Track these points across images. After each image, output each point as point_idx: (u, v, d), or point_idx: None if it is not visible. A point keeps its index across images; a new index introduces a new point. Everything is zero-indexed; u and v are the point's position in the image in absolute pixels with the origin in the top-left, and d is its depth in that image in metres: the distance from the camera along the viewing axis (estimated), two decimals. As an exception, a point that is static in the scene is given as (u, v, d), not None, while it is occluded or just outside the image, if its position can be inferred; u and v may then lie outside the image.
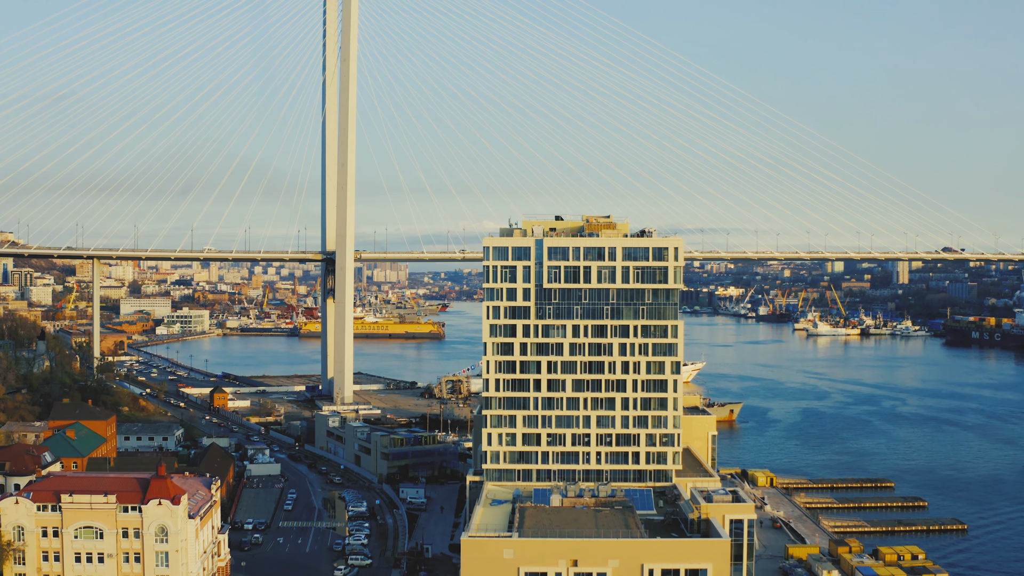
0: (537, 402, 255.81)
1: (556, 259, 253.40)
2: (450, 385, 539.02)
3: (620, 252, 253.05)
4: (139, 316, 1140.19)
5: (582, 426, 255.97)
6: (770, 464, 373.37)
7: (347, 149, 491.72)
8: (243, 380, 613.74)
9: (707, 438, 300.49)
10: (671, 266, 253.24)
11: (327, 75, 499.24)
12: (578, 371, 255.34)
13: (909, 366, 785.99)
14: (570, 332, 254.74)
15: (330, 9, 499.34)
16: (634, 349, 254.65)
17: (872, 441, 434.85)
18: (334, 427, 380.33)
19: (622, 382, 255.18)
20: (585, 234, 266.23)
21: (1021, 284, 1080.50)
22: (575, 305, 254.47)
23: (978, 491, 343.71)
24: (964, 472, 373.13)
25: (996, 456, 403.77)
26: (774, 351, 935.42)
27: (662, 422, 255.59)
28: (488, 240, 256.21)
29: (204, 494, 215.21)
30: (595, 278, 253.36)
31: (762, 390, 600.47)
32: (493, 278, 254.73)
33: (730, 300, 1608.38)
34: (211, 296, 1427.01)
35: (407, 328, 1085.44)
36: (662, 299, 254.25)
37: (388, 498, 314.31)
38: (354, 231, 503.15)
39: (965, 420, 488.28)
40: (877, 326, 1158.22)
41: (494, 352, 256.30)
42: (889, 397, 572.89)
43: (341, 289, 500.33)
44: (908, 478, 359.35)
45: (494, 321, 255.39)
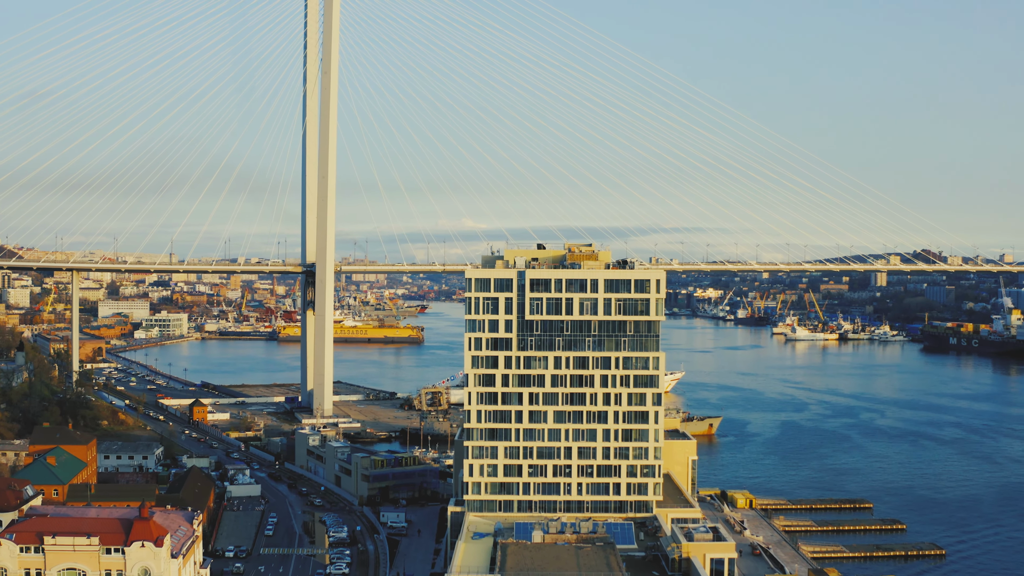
0: (519, 433, 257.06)
1: (538, 291, 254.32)
2: (430, 397, 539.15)
3: (602, 284, 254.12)
4: (117, 319, 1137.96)
5: (563, 457, 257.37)
6: (749, 483, 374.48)
7: (327, 161, 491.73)
8: (222, 390, 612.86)
9: (687, 463, 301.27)
10: (653, 298, 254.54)
11: (308, 86, 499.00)
12: (560, 403, 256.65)
13: (887, 374, 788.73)
14: (552, 363, 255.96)
15: (311, 14, 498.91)
16: (616, 381, 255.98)
17: (850, 457, 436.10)
18: (314, 446, 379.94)
19: (603, 413, 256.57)
20: (567, 264, 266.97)
21: (999, 290, 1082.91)
22: (557, 337, 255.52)
23: (956, 512, 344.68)
24: (942, 492, 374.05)
25: (974, 474, 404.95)
26: (753, 358, 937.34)
27: (643, 453, 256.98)
28: (471, 271, 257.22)
29: (186, 530, 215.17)
30: (577, 310, 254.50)
31: (741, 401, 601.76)
32: (475, 310, 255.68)
33: (709, 302, 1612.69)
34: (190, 298, 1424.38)
35: (386, 332, 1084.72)
36: (644, 331, 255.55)
37: (369, 522, 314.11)
38: (334, 244, 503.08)
39: (943, 435, 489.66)
40: (855, 331, 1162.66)
41: (476, 383, 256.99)
42: (867, 409, 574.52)
43: (321, 302, 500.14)
44: (886, 498, 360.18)
45: (476, 352, 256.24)
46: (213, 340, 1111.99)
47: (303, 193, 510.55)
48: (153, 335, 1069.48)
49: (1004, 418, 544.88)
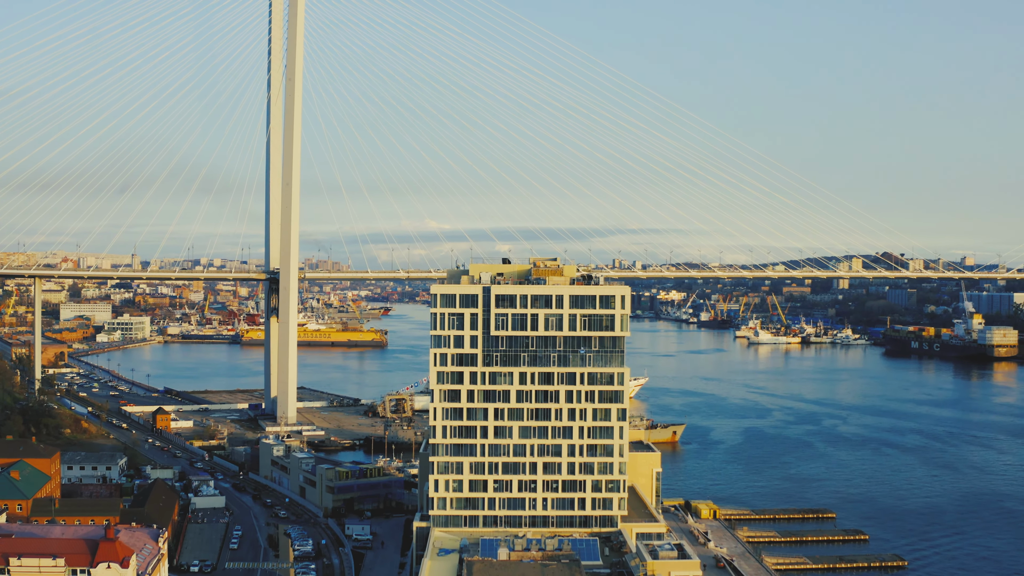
0: (484, 449, 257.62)
1: (503, 306, 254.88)
2: (394, 404, 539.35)
3: (567, 300, 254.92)
4: (79, 323, 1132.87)
5: (528, 472, 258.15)
6: (713, 492, 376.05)
7: (291, 170, 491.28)
8: (185, 396, 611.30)
9: (652, 475, 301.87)
10: (617, 314, 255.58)
11: (271, 92, 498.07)
12: (525, 418, 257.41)
13: (849, 379, 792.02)
14: (517, 379, 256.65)
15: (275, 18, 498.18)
16: (580, 396, 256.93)
17: (813, 465, 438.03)
18: (278, 456, 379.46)
19: (568, 429, 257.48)
20: (532, 279, 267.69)
21: (960, 294, 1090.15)
22: (522, 352, 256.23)
23: (917, 522, 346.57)
24: (904, 501, 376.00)
25: (935, 483, 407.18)
26: (716, 362, 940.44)
27: (608, 468, 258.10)
28: (436, 288, 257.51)
29: (152, 548, 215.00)
30: (542, 326, 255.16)
31: (704, 407, 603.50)
32: (441, 325, 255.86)
33: (672, 305, 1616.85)
34: (152, 300, 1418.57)
35: (349, 336, 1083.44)
36: (608, 346, 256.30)
37: (334, 535, 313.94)
38: (298, 251, 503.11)
39: (905, 442, 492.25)
40: (818, 334, 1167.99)
41: (442, 399, 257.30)
42: (829, 415, 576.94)
43: (285, 310, 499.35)
44: (849, 507, 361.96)
45: (441, 368, 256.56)
46: (176, 343, 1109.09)
47: (267, 200, 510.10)
48: (115, 339, 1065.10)
49: (965, 424, 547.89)
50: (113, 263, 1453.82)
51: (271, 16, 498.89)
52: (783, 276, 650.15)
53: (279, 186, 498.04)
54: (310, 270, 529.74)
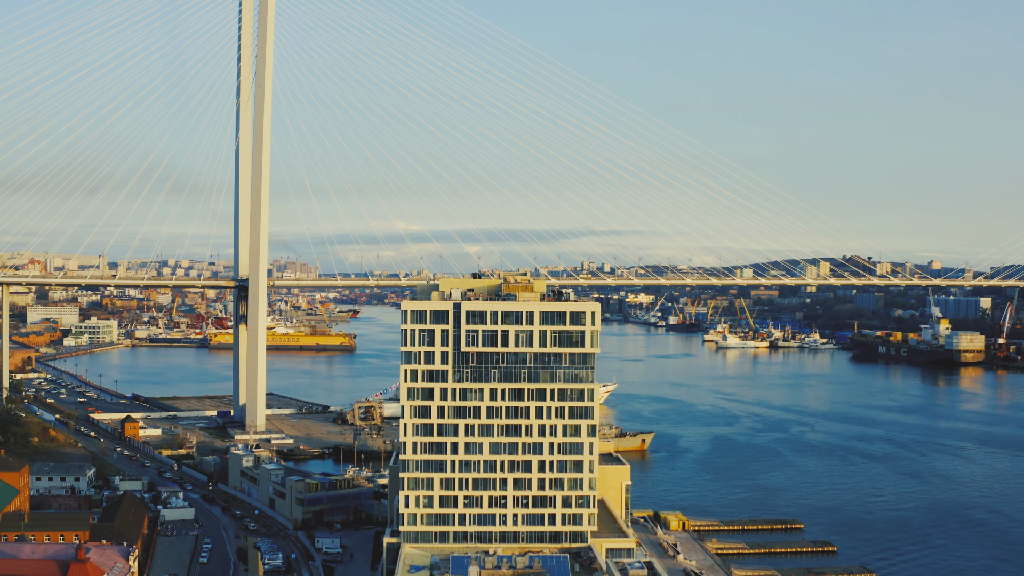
0: (454, 464, 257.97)
1: (474, 323, 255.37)
2: (363, 411, 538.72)
3: (538, 316, 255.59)
4: (47, 326, 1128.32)
5: (499, 488, 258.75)
6: (682, 502, 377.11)
7: (260, 180, 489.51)
8: (153, 403, 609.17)
9: (621, 488, 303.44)
10: (588, 330, 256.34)
11: (241, 100, 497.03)
12: (495, 434, 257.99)
13: (817, 385, 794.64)
14: (487, 395, 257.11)
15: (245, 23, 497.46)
16: (551, 412, 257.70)
17: (782, 474, 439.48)
18: (248, 467, 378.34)
19: (539, 445, 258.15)
20: (502, 295, 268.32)
21: (928, 299, 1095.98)
22: (493, 368, 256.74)
23: (885, 533, 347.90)
24: (871, 511, 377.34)
25: (903, 492, 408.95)
26: (684, 367, 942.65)
27: (578, 484, 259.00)
28: (407, 304, 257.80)
29: (122, 567, 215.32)
30: (512, 342, 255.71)
31: (673, 414, 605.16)
32: (411, 342, 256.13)
33: (640, 308, 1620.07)
34: (119, 303, 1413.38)
35: (318, 340, 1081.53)
36: (579, 363, 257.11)
37: (304, 548, 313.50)
38: (267, 260, 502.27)
39: (872, 450, 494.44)
40: (786, 339, 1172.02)
41: (412, 415, 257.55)
42: (797, 422, 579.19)
43: (254, 318, 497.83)
44: (817, 518, 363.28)
45: (412, 384, 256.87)
46: (144, 347, 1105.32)
47: (236, 206, 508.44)
48: (83, 342, 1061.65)
49: (932, 432, 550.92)
50: (81, 264, 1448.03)
51: (240, 20, 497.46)
52: (751, 283, 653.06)
53: (248, 192, 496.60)
54: (279, 277, 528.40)
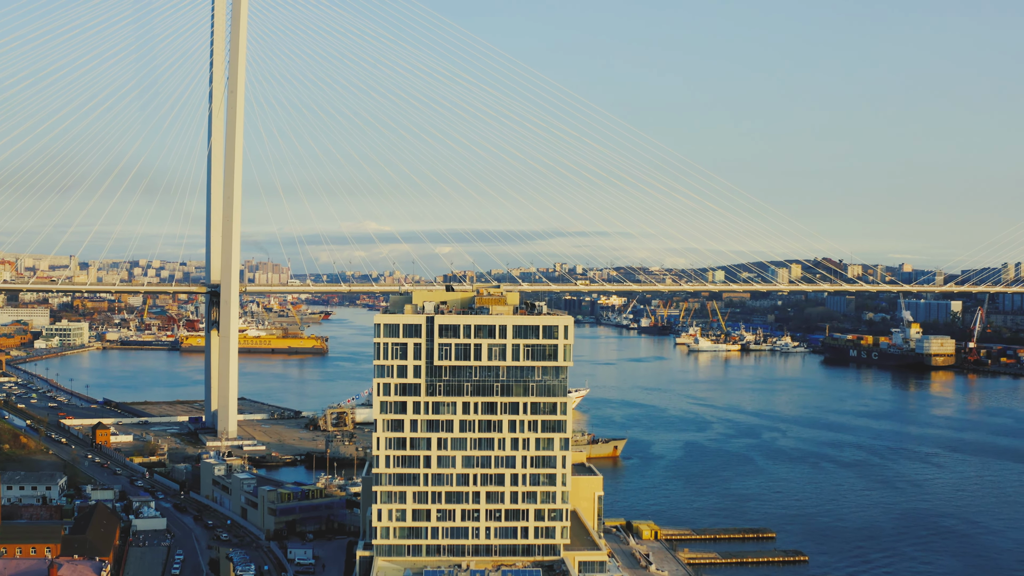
0: (427, 478, 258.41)
1: (447, 336, 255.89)
2: (335, 417, 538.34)
3: (511, 330, 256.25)
4: (17, 328, 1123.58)
5: (472, 502, 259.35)
6: (654, 511, 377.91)
7: (232, 186, 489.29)
8: (124, 408, 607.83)
9: (593, 499, 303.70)
10: (560, 344, 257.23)
11: (213, 106, 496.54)
12: (468, 448, 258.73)
13: (788, 389, 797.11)
14: (460, 409, 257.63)
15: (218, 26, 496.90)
16: (523, 426, 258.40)
17: (753, 482, 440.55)
18: (220, 476, 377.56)
19: (511, 458, 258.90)
20: (475, 307, 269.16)
21: (898, 302, 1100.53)
22: (465, 382, 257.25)
23: (856, 542, 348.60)
24: (842, 519, 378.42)
25: (873, 500, 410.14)
26: (656, 370, 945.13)
27: (551, 497, 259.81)
28: (379, 317, 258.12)
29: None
30: (485, 355, 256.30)
31: (645, 419, 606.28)
32: (384, 355, 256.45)
33: (612, 310, 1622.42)
34: (90, 304, 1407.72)
35: (290, 343, 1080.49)
36: (551, 376, 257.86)
37: (276, 559, 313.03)
38: (239, 267, 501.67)
39: (843, 457, 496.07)
40: (757, 342, 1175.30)
41: (384, 428, 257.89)
42: (768, 427, 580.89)
43: (226, 325, 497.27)
44: (788, 527, 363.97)
45: (384, 398, 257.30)
46: (115, 350, 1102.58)
47: (208, 213, 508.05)
48: (54, 345, 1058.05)
49: (903, 438, 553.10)
50: (52, 264, 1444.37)
51: (213, 22, 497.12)
52: (723, 289, 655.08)
53: (220, 197, 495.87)
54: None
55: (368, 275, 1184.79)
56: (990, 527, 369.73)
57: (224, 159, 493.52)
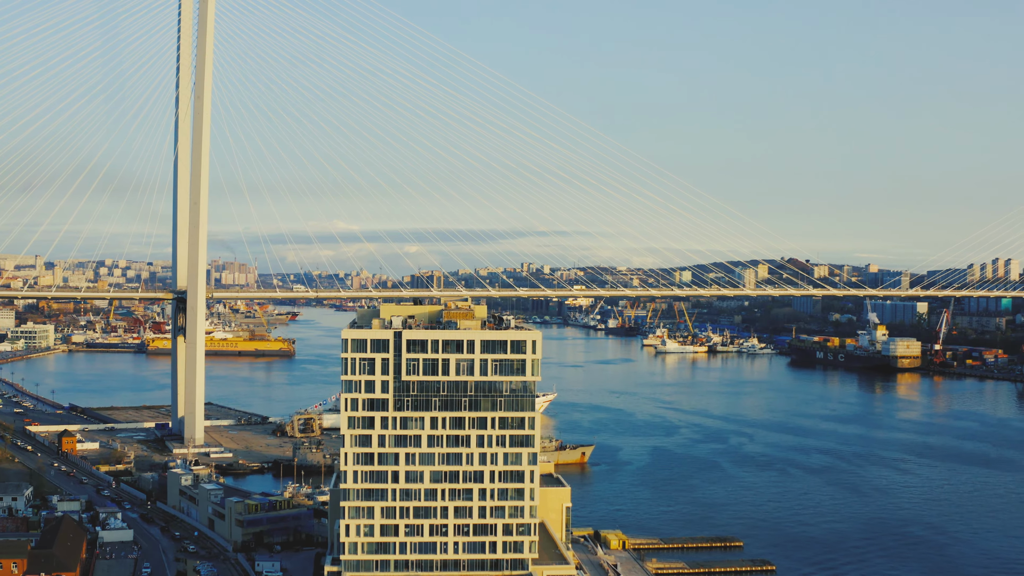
0: (395, 493, 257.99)
1: (415, 351, 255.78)
2: (302, 423, 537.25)
3: (478, 345, 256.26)
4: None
5: (440, 517, 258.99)
6: (622, 519, 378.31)
7: (199, 189, 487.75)
8: (90, 414, 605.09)
9: (562, 510, 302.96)
10: (528, 359, 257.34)
11: (180, 110, 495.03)
12: (436, 463, 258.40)
13: (755, 392, 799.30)
14: (428, 424, 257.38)
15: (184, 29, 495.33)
16: (492, 441, 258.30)
17: (721, 488, 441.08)
18: (186, 486, 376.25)
19: (479, 473, 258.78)
20: (443, 321, 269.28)
21: (864, 303, 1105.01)
22: (433, 397, 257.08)
23: (823, 550, 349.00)
24: (810, 527, 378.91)
25: (841, 507, 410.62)
26: (623, 373, 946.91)
27: (519, 512, 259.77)
28: (346, 332, 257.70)
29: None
30: (453, 370, 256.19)
31: (613, 424, 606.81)
32: (351, 370, 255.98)
33: (580, 310, 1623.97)
34: (56, 306, 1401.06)
35: (257, 346, 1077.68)
36: (519, 391, 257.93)
37: (244, 571, 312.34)
38: (205, 273, 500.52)
39: (810, 462, 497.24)
40: (724, 343, 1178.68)
41: (352, 444, 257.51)
42: (736, 432, 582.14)
43: (192, 331, 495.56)
44: (756, 535, 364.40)
45: (352, 413, 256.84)
46: (81, 352, 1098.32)
47: (174, 219, 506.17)
48: (19, 347, 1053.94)
49: (870, 443, 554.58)
50: (18, 264, 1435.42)
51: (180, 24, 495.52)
52: (691, 295, 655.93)
53: (187, 201, 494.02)
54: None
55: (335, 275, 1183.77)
56: (958, 536, 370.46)
57: (191, 162, 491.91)
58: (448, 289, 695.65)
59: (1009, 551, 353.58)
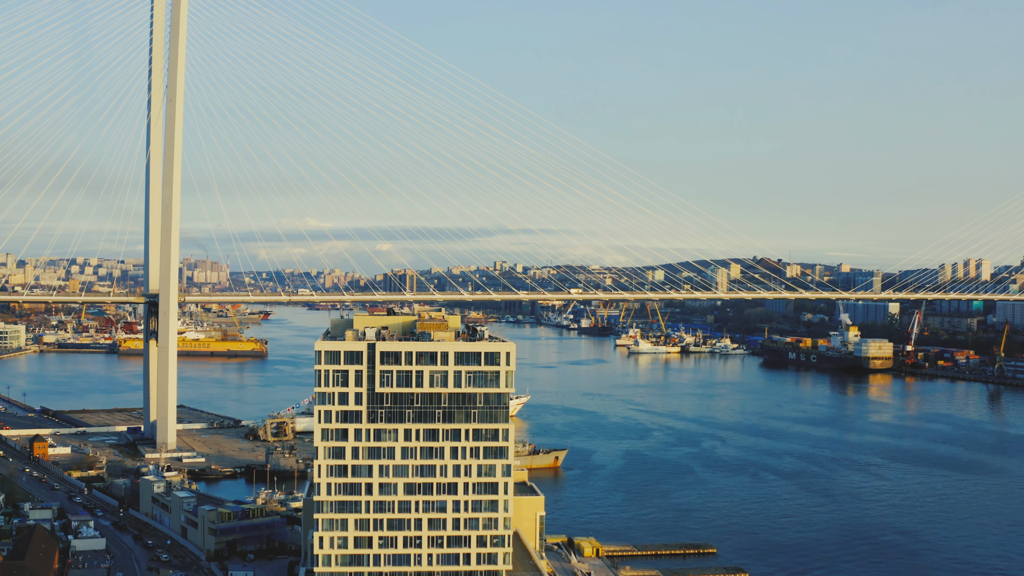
0: (369, 505, 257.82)
1: (388, 363, 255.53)
2: (275, 427, 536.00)
3: (452, 356, 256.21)
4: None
5: (414, 529, 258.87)
6: (596, 526, 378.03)
7: (171, 194, 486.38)
8: (62, 417, 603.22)
9: (535, 519, 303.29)
10: (502, 370, 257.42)
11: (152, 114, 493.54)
12: (410, 474, 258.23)
13: (727, 394, 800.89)
14: (402, 436, 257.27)
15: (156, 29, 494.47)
16: (465, 452, 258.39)
17: (693, 493, 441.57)
18: (159, 494, 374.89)
19: (453, 485, 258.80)
20: (416, 333, 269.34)
21: (836, 303, 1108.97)
22: (407, 409, 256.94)
23: (797, 556, 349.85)
24: (782, 533, 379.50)
25: (813, 512, 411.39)
26: (597, 374, 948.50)
27: (493, 523, 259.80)
28: (320, 344, 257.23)
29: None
30: (427, 382, 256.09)
31: (586, 427, 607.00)
32: (325, 382, 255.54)
33: (553, 309, 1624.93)
34: (27, 305, 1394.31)
35: (229, 346, 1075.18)
36: (493, 403, 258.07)
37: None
38: (177, 277, 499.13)
39: (783, 466, 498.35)
40: (697, 343, 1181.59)
41: (326, 456, 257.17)
42: (709, 435, 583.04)
43: (164, 336, 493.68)
44: (729, 541, 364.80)
45: (326, 425, 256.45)
46: (52, 353, 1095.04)
47: (146, 221, 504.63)
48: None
49: (842, 446, 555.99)
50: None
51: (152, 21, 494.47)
52: (663, 297, 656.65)
53: (159, 203, 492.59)
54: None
55: (307, 273, 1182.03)
56: (930, 542, 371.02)
57: (163, 165, 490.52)
58: (421, 292, 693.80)
59: (979, 558, 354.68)
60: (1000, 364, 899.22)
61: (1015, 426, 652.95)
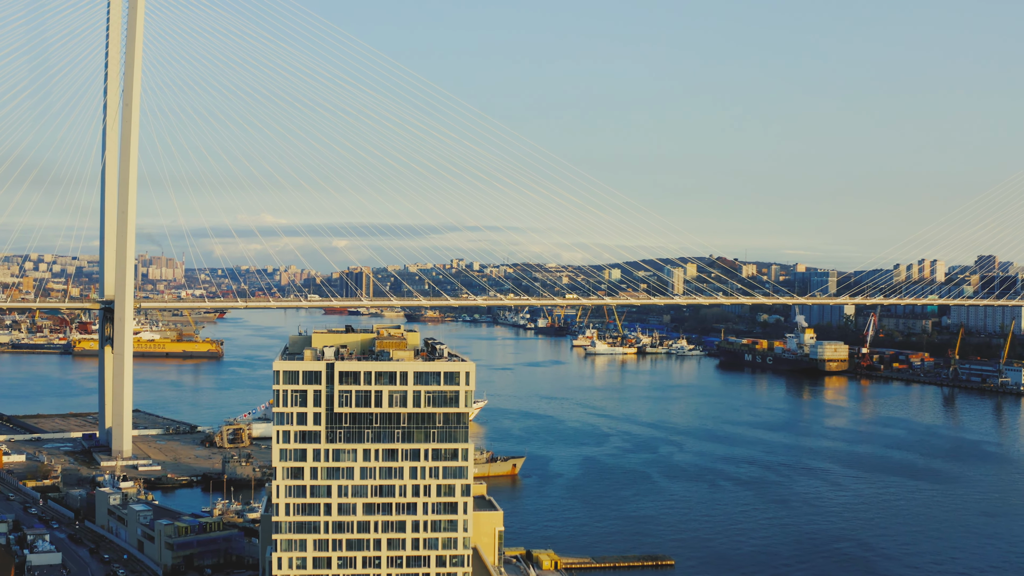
0: (328, 526, 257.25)
1: (347, 383, 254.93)
2: (231, 433, 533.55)
3: (411, 376, 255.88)
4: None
5: (373, 549, 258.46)
6: (554, 537, 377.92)
7: (127, 194, 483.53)
8: (16, 423, 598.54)
9: (494, 534, 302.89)
10: (462, 390, 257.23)
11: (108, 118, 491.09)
12: (369, 495, 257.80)
13: (684, 397, 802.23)
14: (361, 456, 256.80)
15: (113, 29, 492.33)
16: (424, 472, 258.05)
17: (651, 502, 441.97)
18: (115, 506, 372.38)
19: (412, 505, 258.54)
20: (375, 351, 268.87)
21: (792, 307, 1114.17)
22: (366, 429, 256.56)
23: (753, 568, 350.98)
24: (741, 544, 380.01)
25: (771, 522, 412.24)
26: (554, 376, 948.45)
27: (452, 543, 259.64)
28: (278, 364, 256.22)
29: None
30: (386, 402, 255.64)
31: (543, 432, 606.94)
32: (284, 402, 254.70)
33: (509, 309, 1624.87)
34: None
35: (185, 347, 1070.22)
36: (452, 422, 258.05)
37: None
38: (133, 283, 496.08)
39: (740, 473, 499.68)
40: (653, 344, 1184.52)
41: (284, 476, 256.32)
42: (665, 441, 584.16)
43: (120, 343, 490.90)
44: (687, 553, 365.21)
45: (284, 446, 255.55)
46: (5, 354, 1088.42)
47: (101, 223, 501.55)
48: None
49: (798, 452, 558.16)
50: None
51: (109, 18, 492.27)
52: (620, 303, 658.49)
53: (115, 206, 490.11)
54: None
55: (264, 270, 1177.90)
56: (886, 552, 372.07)
57: (119, 167, 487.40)
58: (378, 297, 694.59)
59: (935, 566, 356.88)
60: (955, 367, 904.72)
61: (970, 431, 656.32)
